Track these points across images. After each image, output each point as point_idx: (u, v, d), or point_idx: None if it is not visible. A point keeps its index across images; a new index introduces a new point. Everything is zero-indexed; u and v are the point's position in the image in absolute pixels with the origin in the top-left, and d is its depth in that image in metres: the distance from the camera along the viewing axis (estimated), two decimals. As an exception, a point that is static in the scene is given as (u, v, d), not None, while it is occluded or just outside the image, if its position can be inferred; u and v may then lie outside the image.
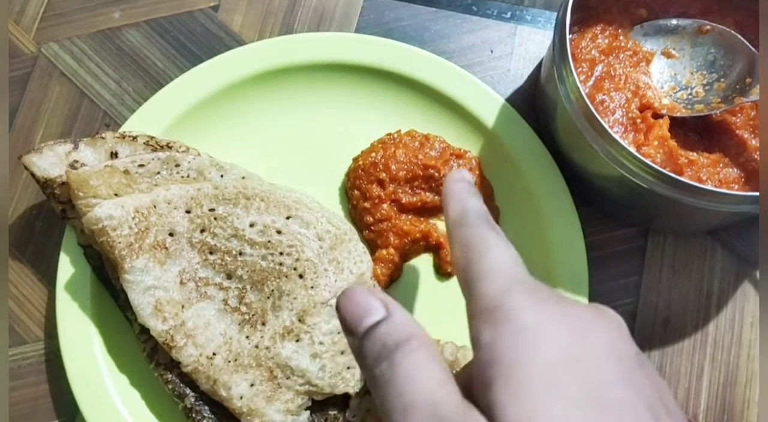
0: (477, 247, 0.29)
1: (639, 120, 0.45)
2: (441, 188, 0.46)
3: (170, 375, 0.43)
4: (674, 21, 0.48)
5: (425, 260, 0.49)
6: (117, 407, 0.45)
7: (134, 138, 0.47)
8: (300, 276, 0.44)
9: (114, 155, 0.47)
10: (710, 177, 0.44)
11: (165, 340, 0.42)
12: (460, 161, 0.49)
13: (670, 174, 0.40)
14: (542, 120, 0.51)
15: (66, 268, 0.47)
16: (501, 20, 0.55)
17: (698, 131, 0.47)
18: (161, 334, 0.42)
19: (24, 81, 0.54)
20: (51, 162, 0.46)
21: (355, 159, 0.50)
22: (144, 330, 0.42)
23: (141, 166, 0.46)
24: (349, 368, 0.43)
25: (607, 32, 0.48)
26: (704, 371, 0.49)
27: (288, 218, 0.45)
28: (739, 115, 0.46)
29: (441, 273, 0.49)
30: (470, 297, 0.27)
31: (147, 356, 0.44)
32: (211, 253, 0.44)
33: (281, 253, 0.44)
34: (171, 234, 0.44)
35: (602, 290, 0.50)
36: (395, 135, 0.50)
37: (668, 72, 0.48)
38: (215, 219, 0.44)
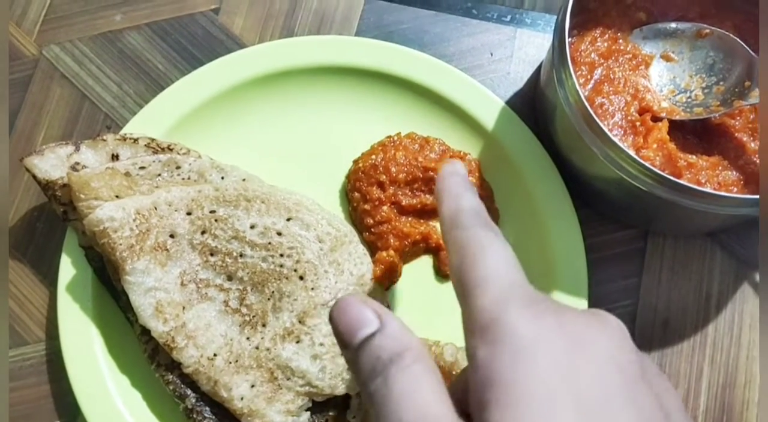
0: (472, 251, 0.28)
1: (638, 123, 0.45)
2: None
3: (171, 376, 0.43)
4: (673, 24, 0.48)
5: (425, 262, 0.50)
6: (118, 408, 0.45)
7: (135, 140, 0.47)
8: (300, 277, 0.44)
9: (115, 157, 0.47)
10: (709, 180, 0.44)
11: (166, 341, 0.42)
12: (460, 163, 0.50)
13: (670, 177, 0.40)
14: (542, 122, 0.51)
15: (67, 270, 0.47)
16: (501, 23, 0.56)
17: (697, 134, 0.47)
18: (162, 335, 0.42)
19: (25, 83, 0.54)
20: (52, 164, 0.46)
21: (356, 161, 0.50)
22: (145, 331, 0.43)
23: (142, 168, 0.46)
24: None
25: (607, 35, 0.48)
26: (703, 372, 0.49)
27: (288, 220, 0.45)
28: (738, 118, 0.47)
29: (440, 274, 0.49)
30: (465, 306, 0.27)
31: (148, 357, 0.44)
32: (212, 255, 0.44)
33: (282, 255, 0.44)
34: (172, 235, 0.44)
35: (602, 292, 0.50)
36: (395, 137, 0.50)
37: (667, 75, 0.48)
38: (216, 221, 0.44)
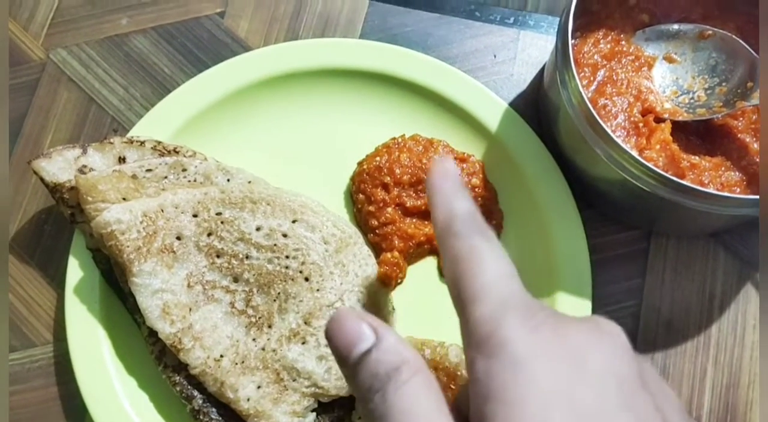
0: (467, 262, 0.27)
1: (641, 124, 0.46)
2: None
3: (178, 377, 0.43)
4: (676, 26, 0.49)
5: (429, 263, 0.50)
6: (126, 409, 0.45)
7: (142, 143, 0.48)
8: (306, 279, 0.44)
9: (122, 160, 0.47)
10: (712, 180, 0.44)
11: (173, 343, 0.42)
12: (464, 165, 0.50)
13: (673, 177, 0.40)
14: (545, 124, 0.51)
15: (75, 272, 0.47)
16: (504, 25, 0.56)
17: (700, 135, 0.47)
18: (169, 337, 0.42)
19: (32, 87, 0.55)
20: (60, 167, 0.46)
21: (360, 163, 0.51)
22: (152, 333, 0.43)
23: (149, 171, 0.46)
24: (355, 370, 0.43)
25: (610, 37, 0.48)
26: (707, 373, 0.49)
27: (294, 222, 0.45)
28: (741, 119, 0.47)
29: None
30: (462, 318, 0.27)
31: (155, 358, 0.44)
32: (218, 257, 0.45)
33: (287, 257, 0.44)
34: (178, 238, 0.44)
35: (605, 293, 0.50)
36: (399, 139, 0.50)
37: (670, 76, 0.48)
38: (222, 223, 0.45)
